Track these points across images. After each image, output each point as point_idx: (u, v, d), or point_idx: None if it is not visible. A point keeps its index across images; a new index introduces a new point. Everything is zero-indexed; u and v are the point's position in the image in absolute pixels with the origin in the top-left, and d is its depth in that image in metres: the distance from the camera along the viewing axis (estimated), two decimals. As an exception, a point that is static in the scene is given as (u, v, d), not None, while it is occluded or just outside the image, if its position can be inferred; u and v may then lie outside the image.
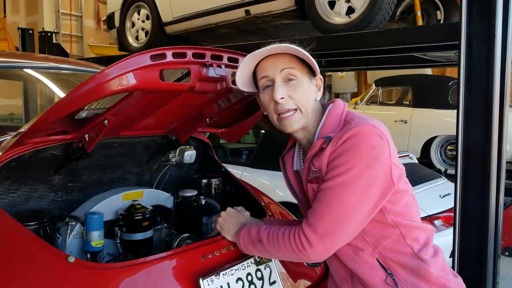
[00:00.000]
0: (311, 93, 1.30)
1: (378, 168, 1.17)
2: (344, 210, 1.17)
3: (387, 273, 1.24)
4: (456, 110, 2.35)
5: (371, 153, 1.16)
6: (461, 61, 2.29)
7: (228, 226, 1.47)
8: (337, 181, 1.18)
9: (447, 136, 6.12)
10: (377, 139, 1.18)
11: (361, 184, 1.16)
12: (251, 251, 1.38)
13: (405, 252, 1.25)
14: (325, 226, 1.18)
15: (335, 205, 1.18)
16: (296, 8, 3.65)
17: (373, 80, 7.50)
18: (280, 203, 2.21)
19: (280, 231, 1.28)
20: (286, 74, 1.26)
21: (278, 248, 1.27)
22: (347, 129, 1.20)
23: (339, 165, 1.18)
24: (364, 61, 4.70)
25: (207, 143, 2.13)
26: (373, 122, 1.21)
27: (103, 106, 1.38)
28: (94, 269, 1.27)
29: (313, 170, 1.26)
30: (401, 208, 1.26)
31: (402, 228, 1.25)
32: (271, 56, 1.28)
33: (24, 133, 1.34)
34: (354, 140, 1.17)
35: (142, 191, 1.79)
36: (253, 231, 1.36)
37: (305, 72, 1.29)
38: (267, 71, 1.28)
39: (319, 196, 1.22)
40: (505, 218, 2.48)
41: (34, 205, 1.59)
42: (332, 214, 1.18)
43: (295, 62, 1.27)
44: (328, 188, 1.19)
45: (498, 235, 2.31)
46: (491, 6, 2.20)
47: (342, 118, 1.27)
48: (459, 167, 2.34)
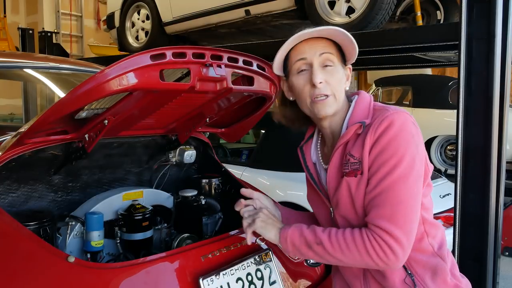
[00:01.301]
0: (344, 81, 1.28)
1: (421, 154, 1.16)
2: (410, 205, 1.12)
3: (407, 273, 1.21)
4: (456, 110, 2.35)
5: (412, 141, 1.15)
6: (461, 61, 2.29)
7: (271, 221, 1.31)
8: (394, 177, 1.12)
9: (447, 136, 6.12)
10: (413, 126, 1.17)
11: (415, 174, 1.14)
12: (304, 253, 1.23)
13: (426, 250, 1.23)
14: (402, 229, 1.10)
15: (402, 201, 1.12)
16: (296, 8, 3.65)
17: (373, 80, 7.51)
18: (280, 203, 2.20)
19: (345, 234, 1.16)
20: (324, 59, 1.24)
21: (347, 252, 1.15)
22: (383, 116, 1.17)
23: (389, 158, 1.13)
24: (364, 61, 4.70)
25: (207, 143, 2.13)
26: (402, 110, 1.21)
27: (103, 106, 1.38)
28: (94, 269, 1.27)
29: (352, 161, 1.19)
30: (428, 203, 1.24)
31: (426, 225, 1.23)
32: (309, 40, 1.26)
33: (24, 133, 1.34)
34: (394, 129, 1.15)
35: (142, 191, 1.79)
36: (307, 231, 1.22)
37: (340, 60, 1.28)
38: (305, 53, 1.25)
39: (382, 198, 1.13)
40: (505, 218, 2.48)
41: (34, 205, 1.59)
42: (403, 213, 1.11)
43: (333, 48, 1.26)
44: (389, 187, 1.12)
45: (498, 235, 2.31)
46: (491, 6, 2.20)
47: (371, 107, 1.26)
48: (459, 167, 2.34)
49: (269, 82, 1.61)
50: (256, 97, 1.71)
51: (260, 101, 1.76)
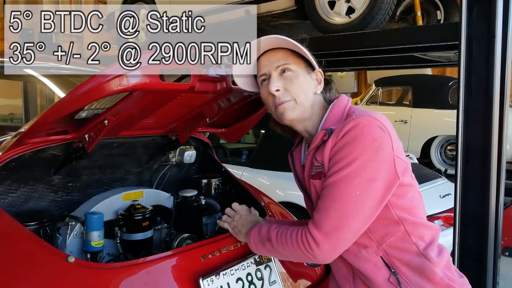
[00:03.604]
0: (309, 86, 1.29)
1: (381, 160, 1.15)
2: (349, 205, 1.14)
3: (391, 272, 1.22)
4: (456, 110, 2.34)
5: (372, 145, 1.14)
6: (461, 61, 2.29)
7: (240, 225, 1.47)
8: (339, 176, 1.15)
9: (447, 136, 6.12)
10: (378, 130, 1.16)
11: (364, 177, 1.14)
12: (261, 250, 1.37)
13: (410, 250, 1.23)
14: (330, 223, 1.15)
15: (339, 200, 1.15)
16: (296, 8, 3.65)
17: (373, 80, 7.50)
18: (280, 203, 2.21)
19: (289, 230, 1.26)
20: (282, 68, 1.27)
21: (286, 247, 1.25)
22: (347, 121, 1.19)
23: (341, 159, 1.16)
24: (364, 61, 4.70)
25: (207, 143, 2.13)
26: (374, 114, 1.20)
27: (103, 106, 1.38)
28: (94, 269, 1.28)
29: (316, 165, 1.25)
30: (406, 202, 1.23)
31: (407, 224, 1.22)
32: (267, 53, 1.29)
33: (24, 133, 1.34)
34: (354, 132, 1.16)
35: (142, 191, 1.79)
36: (263, 230, 1.34)
37: (302, 66, 1.29)
38: (264, 69, 1.30)
39: (323, 193, 1.20)
40: (505, 218, 2.48)
41: (34, 205, 1.59)
42: (337, 210, 1.15)
43: (291, 56, 1.28)
44: (332, 184, 1.17)
45: (498, 235, 2.31)
46: (491, 6, 2.20)
47: (345, 112, 1.26)
48: (459, 167, 2.34)
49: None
50: (256, 97, 1.71)
51: (260, 101, 1.75)
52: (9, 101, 4.27)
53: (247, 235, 1.40)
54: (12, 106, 4.30)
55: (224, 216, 1.54)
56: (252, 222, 1.45)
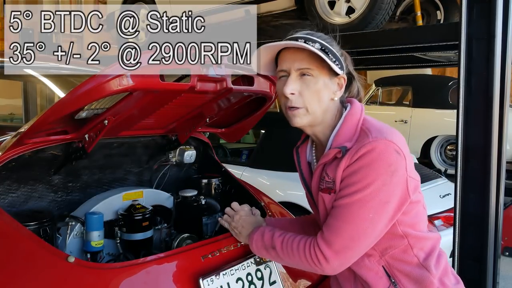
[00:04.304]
0: (327, 92, 1.23)
1: (395, 184, 1.15)
2: (361, 227, 1.15)
3: (391, 281, 1.24)
4: (456, 110, 2.35)
5: (388, 170, 1.14)
6: (461, 61, 2.29)
7: (240, 227, 1.46)
8: (354, 199, 1.15)
9: (447, 136, 6.12)
10: (394, 155, 1.15)
11: (378, 201, 1.14)
12: (264, 256, 1.38)
13: (411, 262, 1.24)
14: (341, 243, 1.16)
15: (352, 222, 1.16)
16: (296, 8, 3.65)
17: (373, 80, 7.50)
18: (280, 203, 2.21)
19: (295, 240, 1.25)
20: (303, 70, 1.22)
21: (292, 257, 1.25)
22: (363, 142, 1.16)
23: (356, 182, 1.15)
24: (364, 61, 4.70)
25: (207, 143, 2.13)
26: (390, 136, 1.17)
27: (103, 106, 1.38)
28: (94, 269, 1.27)
29: (327, 180, 1.24)
30: (411, 218, 1.24)
31: (410, 238, 1.24)
32: (291, 49, 1.23)
33: (24, 133, 1.34)
34: (370, 156, 1.14)
35: (142, 191, 1.79)
36: (267, 236, 1.33)
37: (325, 72, 1.22)
38: (284, 64, 1.24)
39: (335, 212, 1.19)
40: (505, 218, 2.48)
41: (34, 205, 1.59)
42: (349, 231, 1.16)
43: (315, 61, 1.20)
44: (345, 205, 1.17)
45: (498, 235, 2.31)
46: (491, 6, 2.20)
47: (358, 127, 1.23)
48: (459, 167, 2.34)
49: (269, 82, 1.61)
50: (256, 97, 1.71)
51: (260, 101, 1.76)
52: (9, 101, 4.27)
53: (249, 239, 1.39)
54: (12, 106, 4.31)
55: (225, 216, 1.54)
56: (252, 224, 1.45)
